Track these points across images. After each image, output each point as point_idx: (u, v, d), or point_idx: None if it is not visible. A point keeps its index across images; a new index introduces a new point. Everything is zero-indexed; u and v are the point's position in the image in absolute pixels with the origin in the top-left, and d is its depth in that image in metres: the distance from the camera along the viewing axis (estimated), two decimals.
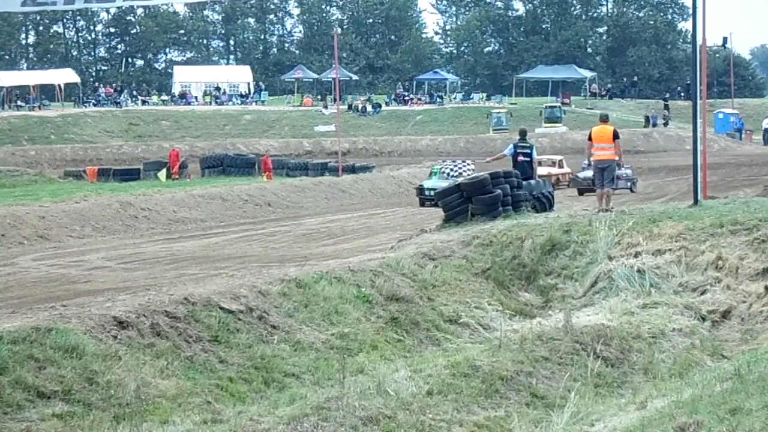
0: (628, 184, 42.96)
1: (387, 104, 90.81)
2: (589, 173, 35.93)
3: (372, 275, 19.72)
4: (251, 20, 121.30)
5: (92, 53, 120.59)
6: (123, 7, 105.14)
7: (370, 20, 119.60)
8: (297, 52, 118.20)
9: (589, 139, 24.59)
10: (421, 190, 40.02)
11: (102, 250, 29.53)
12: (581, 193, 41.24)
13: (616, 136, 24.52)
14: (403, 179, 52.78)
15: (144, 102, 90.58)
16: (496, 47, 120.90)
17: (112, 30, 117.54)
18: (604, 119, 25.50)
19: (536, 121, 77.60)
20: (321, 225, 36.68)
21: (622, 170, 38.26)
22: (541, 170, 39.22)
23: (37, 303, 18.44)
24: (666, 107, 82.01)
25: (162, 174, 56.50)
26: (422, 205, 38.53)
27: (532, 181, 27.25)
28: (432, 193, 35.87)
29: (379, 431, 12.05)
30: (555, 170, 45.91)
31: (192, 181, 53.61)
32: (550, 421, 12.20)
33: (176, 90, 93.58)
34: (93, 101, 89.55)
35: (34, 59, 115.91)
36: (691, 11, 26.10)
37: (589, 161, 24.62)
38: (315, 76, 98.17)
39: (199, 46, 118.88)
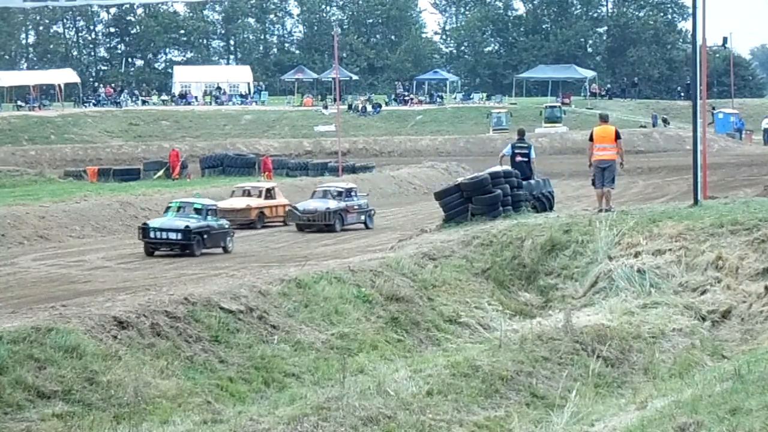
0: (362, 218, 35.54)
1: (387, 104, 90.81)
2: (314, 204, 34.34)
3: (372, 275, 19.72)
4: (251, 20, 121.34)
5: (92, 53, 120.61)
6: (123, 6, 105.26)
7: (370, 20, 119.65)
8: (297, 52, 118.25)
9: (590, 139, 24.55)
10: (145, 231, 28.63)
11: (102, 250, 29.54)
12: (301, 228, 34.24)
13: (618, 136, 24.51)
14: (403, 179, 52.79)
15: (144, 102, 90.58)
16: (496, 47, 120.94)
17: (112, 30, 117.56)
18: (604, 119, 25.49)
19: (536, 121, 77.59)
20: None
21: (356, 200, 35.24)
22: (238, 202, 35.61)
23: (37, 303, 18.44)
24: (665, 120, 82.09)
25: (158, 174, 56.52)
26: (149, 253, 28.32)
27: (532, 181, 27.24)
28: (160, 235, 28.35)
29: (379, 431, 12.05)
30: (259, 202, 36.43)
31: (192, 181, 53.60)
32: (550, 421, 12.20)
33: (176, 90, 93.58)
34: (93, 101, 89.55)
35: (34, 59, 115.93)
36: (691, 11, 26.10)
37: (590, 162, 24.55)
38: (315, 76, 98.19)
39: (199, 46, 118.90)
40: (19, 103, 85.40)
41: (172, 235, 28.26)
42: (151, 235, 28.45)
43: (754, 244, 19.63)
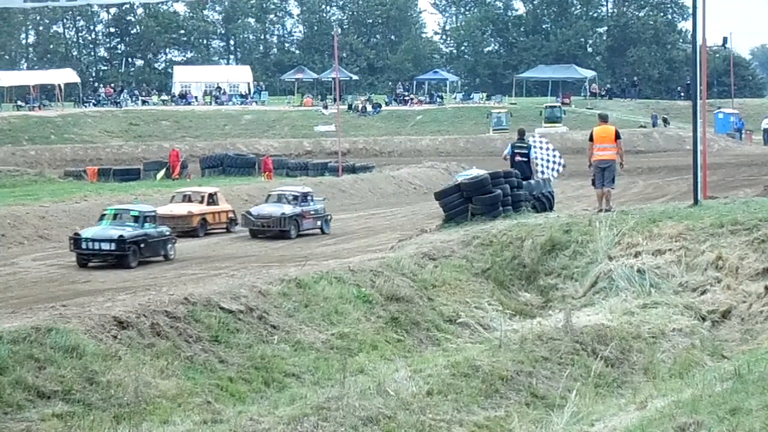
0: (318, 223, 33.90)
1: (387, 104, 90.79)
2: (268, 209, 32.82)
3: (372, 275, 19.73)
4: (251, 20, 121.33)
5: (92, 53, 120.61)
6: (123, 6, 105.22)
7: (370, 20, 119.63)
8: (297, 52, 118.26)
9: (590, 139, 24.54)
10: (77, 241, 26.57)
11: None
12: (254, 235, 32.62)
13: (617, 136, 24.51)
14: (403, 179, 52.77)
15: (144, 102, 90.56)
16: (496, 47, 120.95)
17: (112, 30, 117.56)
18: (604, 119, 25.49)
19: (536, 121, 77.54)
20: None
21: (312, 204, 33.64)
22: (179, 209, 33.50)
23: (37, 303, 18.45)
24: (665, 120, 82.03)
25: (160, 174, 56.52)
26: (82, 265, 26.33)
27: (532, 181, 27.26)
28: (93, 246, 26.31)
29: (379, 431, 12.05)
30: (201, 208, 34.00)
31: (192, 181, 53.58)
32: (550, 421, 12.20)
33: (176, 90, 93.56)
34: (93, 101, 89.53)
35: (34, 59, 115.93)
36: (691, 11, 26.10)
37: (590, 162, 24.54)
38: (315, 76, 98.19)
39: (199, 46, 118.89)
40: (19, 103, 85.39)
41: (105, 246, 26.05)
42: (83, 245, 26.25)
43: (754, 244, 19.64)
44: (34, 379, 13.36)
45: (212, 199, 34.46)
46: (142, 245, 26.75)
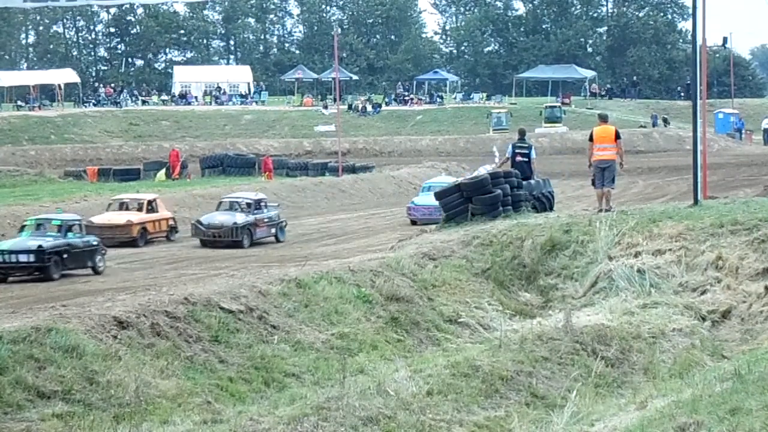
0: (273, 231, 32.35)
1: (387, 104, 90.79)
2: (219, 218, 31.10)
3: (372, 275, 19.73)
4: (251, 20, 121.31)
5: (92, 53, 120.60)
6: (123, 6, 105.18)
7: (370, 20, 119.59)
8: (297, 52, 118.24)
9: (590, 139, 24.53)
10: None
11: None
12: (205, 245, 30.90)
13: (617, 136, 24.50)
14: (403, 179, 52.77)
15: (144, 102, 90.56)
16: (496, 47, 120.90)
17: (112, 30, 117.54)
18: (604, 119, 25.48)
19: (536, 121, 77.55)
20: (321, 225, 36.71)
21: (266, 211, 31.99)
22: (117, 217, 31.49)
23: (37, 303, 18.46)
24: (665, 120, 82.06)
25: (160, 174, 56.53)
26: (1, 279, 24.64)
27: (532, 181, 27.25)
28: (11, 258, 24.68)
29: (379, 431, 12.05)
30: (141, 217, 31.94)
31: (192, 181, 53.62)
32: (550, 421, 12.20)
33: (176, 90, 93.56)
34: (93, 101, 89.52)
35: (34, 59, 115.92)
36: (691, 11, 26.10)
37: (590, 162, 24.53)
38: (315, 76, 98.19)
39: (199, 46, 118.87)
40: (19, 103, 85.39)
41: (23, 257, 24.63)
42: (0, 259, 24.69)
43: (754, 244, 19.64)
44: (34, 379, 13.37)
45: (151, 206, 32.56)
46: (64, 256, 25.19)
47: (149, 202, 32.71)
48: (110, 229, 30.79)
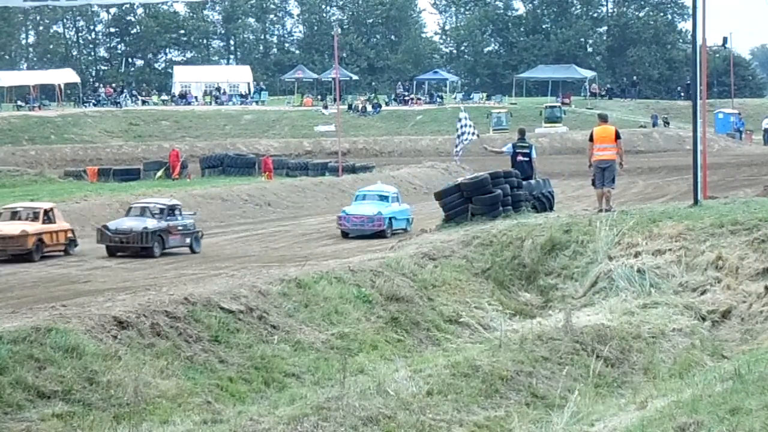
0: (187, 240, 29.68)
1: (387, 104, 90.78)
2: (128, 223, 28.93)
3: (372, 275, 19.73)
4: (251, 20, 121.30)
5: (92, 53, 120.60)
6: (123, 6, 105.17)
7: (370, 20, 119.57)
8: (297, 52, 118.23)
9: (590, 139, 24.54)
10: None
11: (102, 250, 29.51)
12: (112, 252, 28.70)
13: (618, 136, 24.50)
14: (403, 179, 52.73)
15: (144, 102, 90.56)
16: (496, 47, 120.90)
17: (112, 30, 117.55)
18: (604, 119, 25.49)
19: (536, 121, 77.54)
20: (321, 225, 36.68)
21: (180, 219, 29.67)
22: (10, 228, 28.01)
23: (37, 303, 18.45)
24: (665, 121, 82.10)
25: (158, 174, 56.57)
26: None
27: (532, 181, 27.26)
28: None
29: (379, 431, 12.05)
30: (37, 227, 28.51)
31: (192, 181, 53.63)
32: (550, 421, 12.20)
33: (176, 90, 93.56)
34: (93, 101, 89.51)
35: (34, 59, 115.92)
36: (691, 11, 26.11)
37: (590, 162, 24.52)
38: (315, 76, 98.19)
39: (199, 46, 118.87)
40: (19, 103, 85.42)
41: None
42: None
43: (754, 244, 19.64)
44: (34, 379, 13.37)
45: (48, 216, 29.11)
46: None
47: (46, 212, 29.27)
48: (2, 240, 27.79)
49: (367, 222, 32.00)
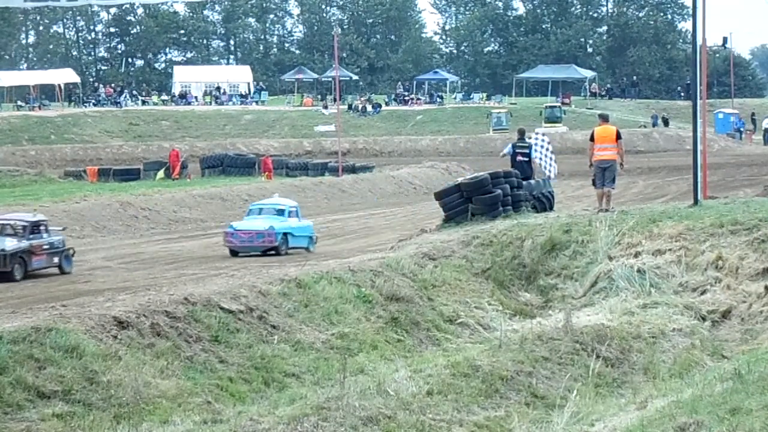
0: (55, 260, 25.34)
1: (387, 104, 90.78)
2: None
3: (372, 275, 19.72)
4: (251, 20, 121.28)
5: (92, 53, 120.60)
6: (123, 6, 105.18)
7: (370, 20, 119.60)
8: (297, 52, 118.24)
9: (591, 139, 24.52)
10: None
11: (102, 250, 29.52)
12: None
13: (618, 136, 24.47)
14: (403, 179, 52.77)
15: (144, 102, 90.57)
16: (496, 47, 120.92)
17: (112, 30, 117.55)
18: (605, 119, 25.47)
19: (536, 121, 77.48)
20: (321, 225, 36.65)
21: (46, 237, 25.19)
22: None
23: (37, 303, 18.45)
24: (665, 121, 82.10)
25: (159, 174, 56.57)
26: None
27: (532, 181, 27.25)
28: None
29: (379, 431, 12.05)
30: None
31: (192, 181, 53.63)
32: (550, 421, 12.21)
33: (176, 90, 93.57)
34: (93, 101, 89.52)
35: (34, 59, 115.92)
36: (691, 11, 26.10)
37: (590, 162, 24.51)
38: (315, 76, 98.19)
39: (199, 46, 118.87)
40: (19, 103, 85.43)
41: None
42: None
43: (754, 244, 19.64)
44: (34, 379, 13.36)
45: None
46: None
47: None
48: None
49: (257, 238, 28.02)
